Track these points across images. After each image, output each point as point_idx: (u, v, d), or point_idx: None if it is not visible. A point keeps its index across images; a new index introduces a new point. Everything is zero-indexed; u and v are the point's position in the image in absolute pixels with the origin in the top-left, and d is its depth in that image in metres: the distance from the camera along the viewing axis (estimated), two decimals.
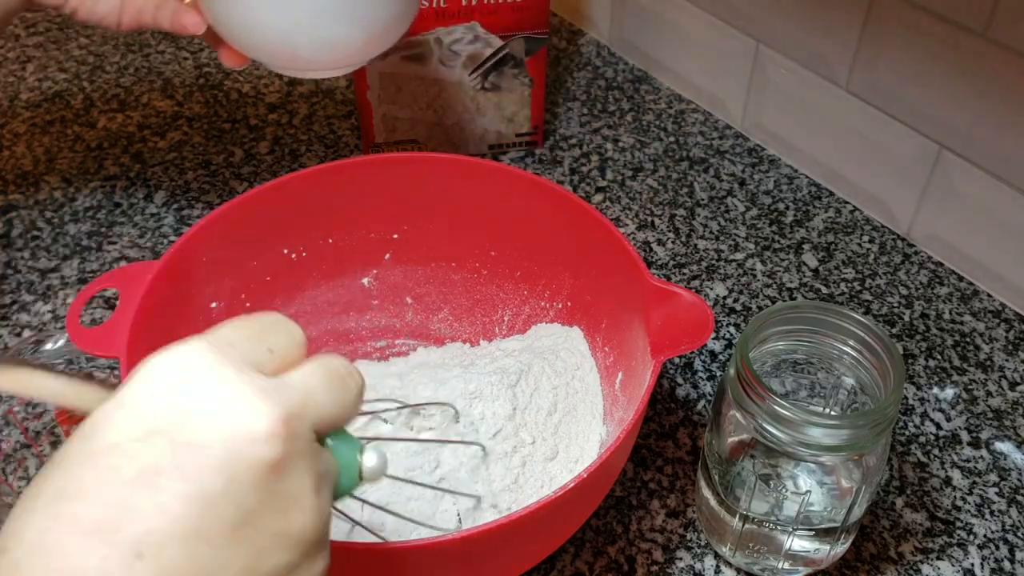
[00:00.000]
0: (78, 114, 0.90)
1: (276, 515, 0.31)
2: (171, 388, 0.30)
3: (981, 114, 0.69)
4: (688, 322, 0.52)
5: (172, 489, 0.29)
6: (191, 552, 0.29)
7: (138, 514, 0.28)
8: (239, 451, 0.30)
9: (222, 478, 0.29)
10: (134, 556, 0.28)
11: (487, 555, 0.49)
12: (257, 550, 0.30)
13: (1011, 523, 0.61)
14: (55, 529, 0.28)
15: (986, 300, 0.75)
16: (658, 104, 0.93)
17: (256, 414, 0.30)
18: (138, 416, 0.30)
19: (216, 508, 0.29)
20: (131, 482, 0.29)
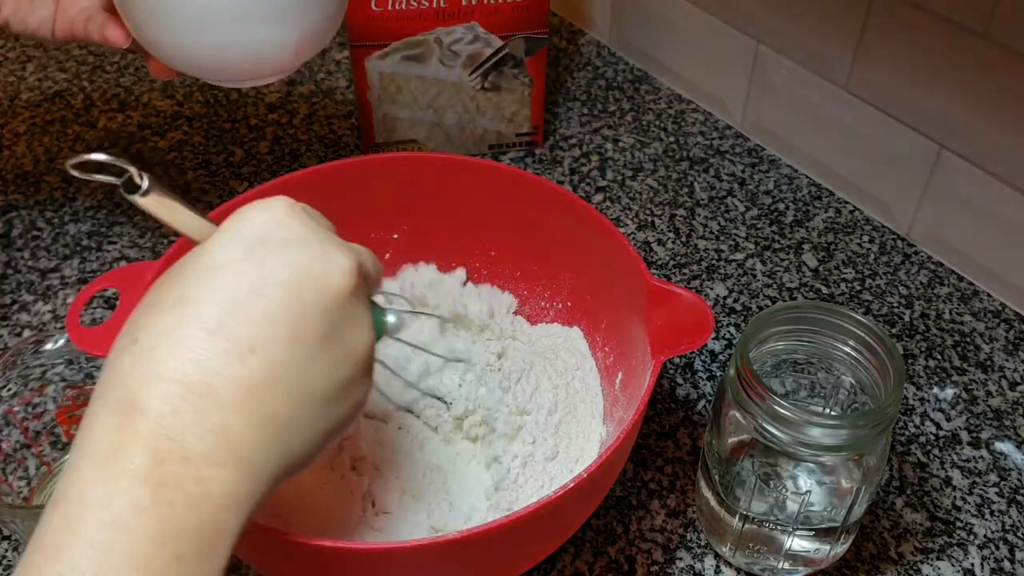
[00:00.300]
0: (78, 114, 0.90)
1: (348, 333, 0.38)
2: (269, 224, 0.37)
3: (981, 114, 0.69)
4: (688, 322, 0.52)
5: (278, 299, 0.35)
6: (291, 351, 0.35)
7: (251, 317, 0.35)
8: (328, 275, 0.37)
9: (317, 293, 0.36)
10: (248, 350, 0.34)
11: (487, 555, 0.49)
12: (335, 360, 0.37)
13: (1011, 523, 0.61)
14: (183, 326, 0.34)
15: (986, 300, 0.74)
16: (658, 104, 0.93)
17: (341, 253, 0.38)
18: (245, 240, 0.36)
19: (310, 318, 0.36)
20: (245, 292, 0.35)
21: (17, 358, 0.58)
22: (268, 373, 0.35)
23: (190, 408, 0.33)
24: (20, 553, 0.58)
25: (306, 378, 0.36)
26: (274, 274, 0.36)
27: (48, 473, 0.61)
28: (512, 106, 0.83)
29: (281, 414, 0.35)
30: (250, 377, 0.34)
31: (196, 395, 0.33)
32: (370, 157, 0.66)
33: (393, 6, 0.75)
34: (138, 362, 0.34)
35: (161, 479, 0.32)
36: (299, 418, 0.36)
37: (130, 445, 0.33)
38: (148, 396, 0.33)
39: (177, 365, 0.34)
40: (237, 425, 0.34)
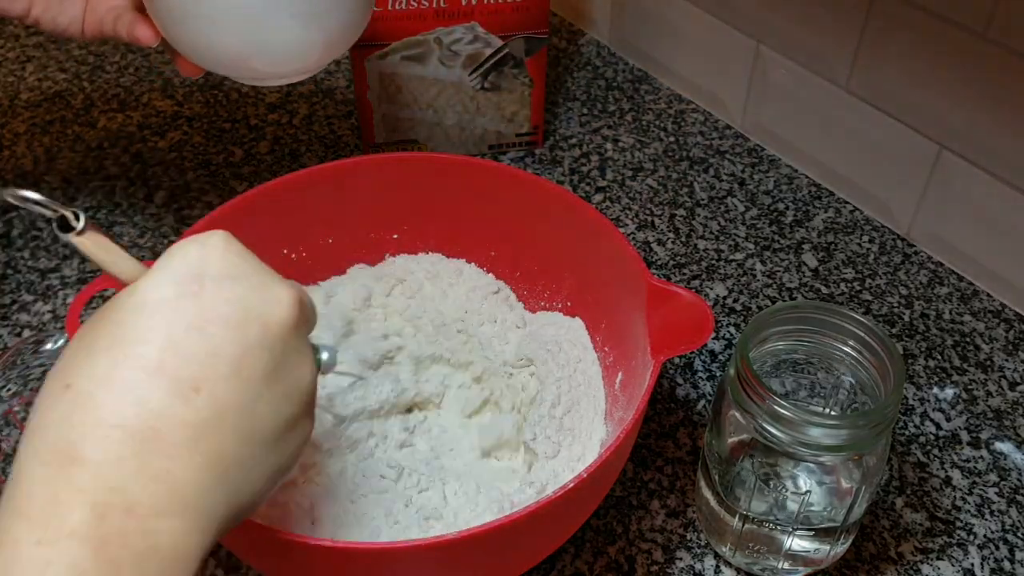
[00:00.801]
0: (78, 114, 0.90)
1: (294, 368, 0.37)
2: (205, 259, 0.36)
3: (981, 114, 0.69)
4: (688, 322, 0.52)
5: (221, 336, 0.34)
6: (236, 389, 0.34)
7: (193, 355, 0.33)
8: (270, 309, 0.36)
9: (260, 329, 0.35)
10: (193, 390, 0.33)
11: (487, 555, 0.49)
12: (280, 396, 0.36)
13: (1011, 523, 0.61)
14: (121, 367, 0.33)
15: (986, 300, 0.75)
16: (658, 104, 0.93)
17: (279, 284, 0.37)
18: (179, 279, 0.35)
19: (254, 354, 0.35)
20: (184, 329, 0.34)
21: (17, 358, 0.58)
22: (214, 412, 0.33)
23: (133, 455, 0.31)
24: None
25: (253, 416, 0.35)
26: (213, 310, 0.35)
27: None
28: (512, 106, 0.83)
29: (229, 454, 0.34)
30: (196, 417, 0.33)
31: (139, 440, 0.31)
32: (370, 157, 0.66)
33: (393, 6, 0.75)
34: (74, 409, 0.32)
35: (104, 536, 0.30)
36: (247, 458, 0.35)
37: (68, 500, 0.30)
38: (86, 445, 0.31)
39: (117, 409, 0.32)
40: (184, 469, 0.32)
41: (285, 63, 0.56)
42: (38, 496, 0.31)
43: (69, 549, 0.29)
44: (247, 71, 0.56)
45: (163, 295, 0.35)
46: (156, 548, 0.31)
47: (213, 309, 0.35)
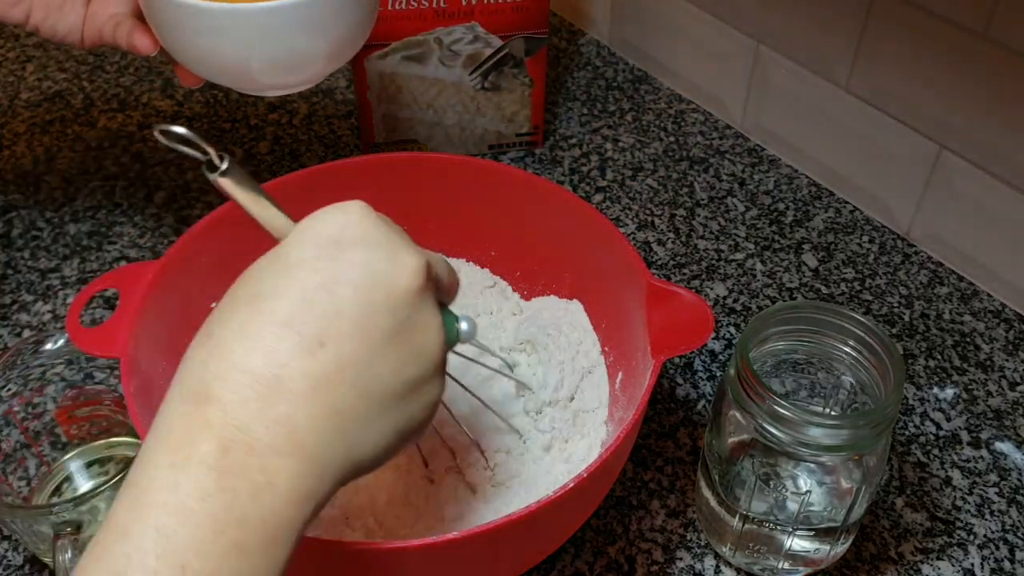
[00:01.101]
0: (78, 114, 0.90)
1: (416, 332, 0.39)
2: (344, 223, 0.38)
3: (981, 114, 0.69)
4: (688, 322, 0.52)
5: (348, 296, 0.36)
6: (359, 346, 0.36)
7: (321, 313, 0.36)
8: (397, 275, 0.38)
9: (384, 293, 0.37)
10: (318, 344, 0.35)
11: (487, 555, 0.49)
12: (403, 357, 0.38)
13: (1011, 523, 0.61)
14: (256, 320, 0.36)
15: (986, 300, 0.74)
16: (658, 104, 0.93)
17: (409, 253, 0.39)
18: (319, 240, 0.38)
19: (378, 315, 0.37)
20: (315, 288, 0.36)
21: (17, 358, 0.58)
22: (336, 367, 0.36)
23: (258, 398, 0.34)
24: (20, 553, 0.58)
25: (373, 374, 0.37)
26: (344, 273, 0.37)
27: (48, 473, 0.61)
28: (512, 106, 0.83)
29: (347, 408, 0.36)
30: (318, 370, 0.35)
31: (264, 386, 0.34)
32: (370, 157, 0.66)
33: (393, 6, 0.75)
34: (212, 354, 0.35)
35: (227, 467, 0.33)
36: (365, 413, 0.37)
37: (199, 433, 0.34)
38: (219, 387, 0.34)
39: (248, 357, 0.35)
40: (303, 417, 0.35)
41: (287, 75, 0.55)
42: (176, 427, 0.34)
43: (197, 475, 0.33)
44: (248, 83, 0.55)
45: (303, 255, 0.37)
46: (272, 484, 0.34)
47: (344, 272, 0.37)
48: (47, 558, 0.56)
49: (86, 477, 0.61)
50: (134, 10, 0.58)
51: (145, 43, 0.57)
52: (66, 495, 0.60)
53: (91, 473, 0.61)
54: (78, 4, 0.59)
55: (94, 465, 0.62)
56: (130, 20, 0.58)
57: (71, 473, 0.61)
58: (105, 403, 0.62)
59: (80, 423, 0.61)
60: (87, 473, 0.61)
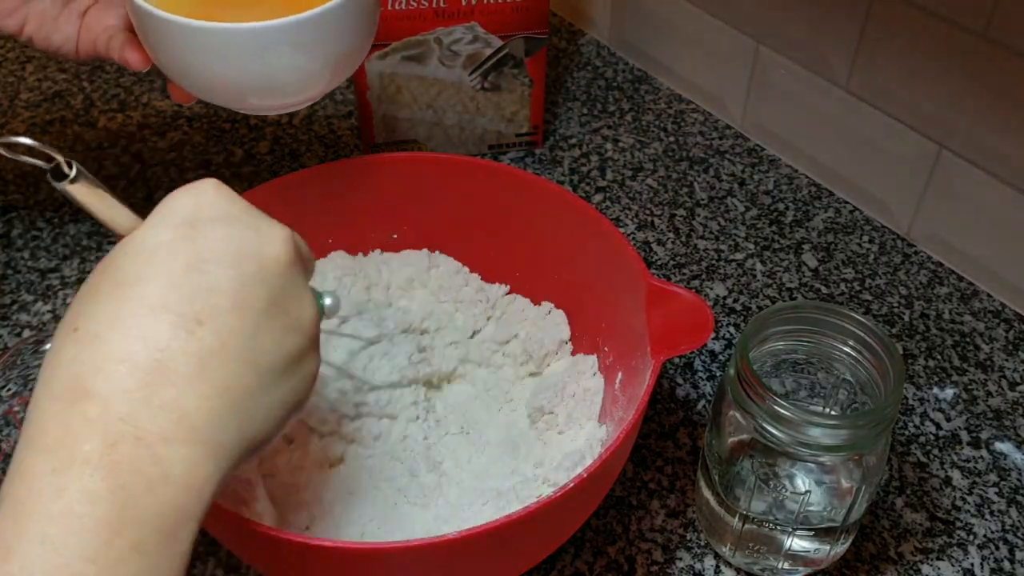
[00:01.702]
0: (78, 114, 0.90)
1: (292, 304, 0.38)
2: (198, 204, 0.37)
3: (981, 114, 0.69)
4: (688, 322, 0.52)
5: (218, 272, 0.35)
6: (238, 321, 0.35)
7: (193, 291, 0.35)
8: (265, 247, 0.37)
9: (255, 265, 0.37)
10: (196, 323, 0.34)
11: (487, 555, 0.49)
12: (282, 329, 0.37)
13: (1011, 523, 0.61)
14: (125, 307, 0.34)
15: (986, 300, 0.74)
16: (658, 104, 0.93)
17: (271, 224, 0.38)
18: (175, 224, 0.36)
19: (252, 288, 0.36)
20: (184, 268, 0.35)
21: (17, 358, 0.57)
22: (218, 343, 0.35)
23: (140, 386, 0.33)
24: None
25: (256, 348, 0.36)
26: (209, 249, 0.36)
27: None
28: (512, 106, 0.83)
29: (235, 384, 0.35)
30: (200, 348, 0.34)
31: (145, 373, 0.33)
32: (370, 157, 0.66)
33: (393, 6, 0.75)
34: (83, 349, 0.33)
35: (115, 463, 0.31)
36: (254, 388, 0.36)
37: (79, 431, 0.32)
38: (96, 380, 0.33)
39: (124, 345, 0.33)
40: (191, 398, 0.33)
41: (282, 96, 0.54)
42: (51, 429, 0.32)
43: (82, 476, 0.31)
44: (241, 102, 0.54)
45: (160, 239, 0.36)
46: (167, 475, 0.32)
47: (209, 249, 0.36)
48: None
49: None
50: (128, 23, 0.57)
51: (136, 58, 0.56)
52: None
53: None
54: (73, 16, 0.58)
55: None
56: (123, 34, 0.57)
57: None
58: None
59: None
60: None
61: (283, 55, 0.51)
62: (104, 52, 0.58)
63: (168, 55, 0.52)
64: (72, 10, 0.58)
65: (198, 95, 0.55)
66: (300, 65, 0.52)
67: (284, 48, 0.50)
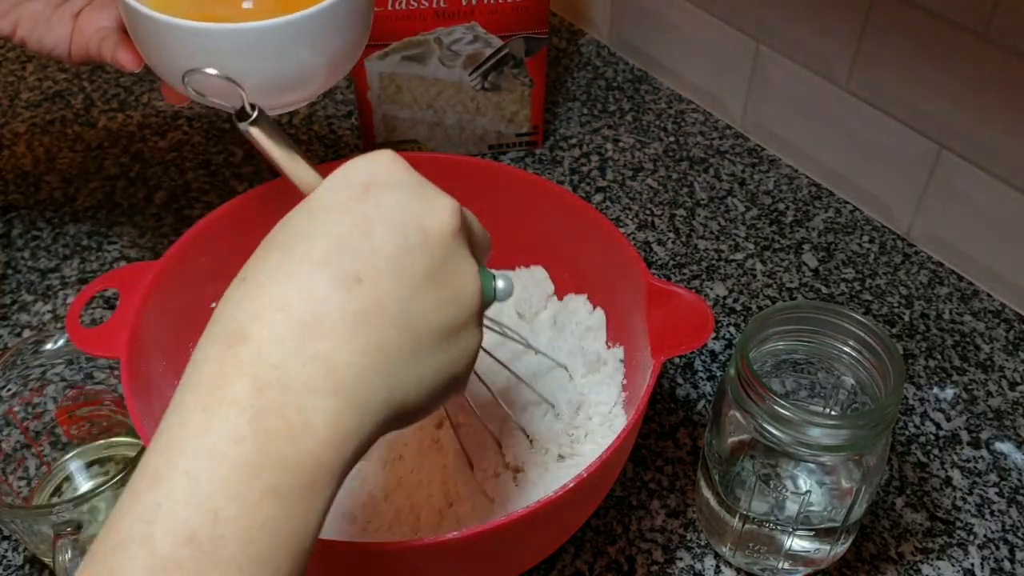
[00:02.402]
0: (78, 114, 0.90)
1: (454, 275, 0.38)
2: (373, 169, 0.38)
3: (981, 114, 0.69)
4: (688, 322, 0.52)
5: (383, 235, 0.36)
6: (396, 284, 0.36)
7: (356, 251, 0.35)
8: (431, 215, 0.38)
9: (420, 232, 0.37)
10: (355, 280, 0.35)
11: (487, 555, 0.49)
12: (440, 298, 0.37)
13: (1011, 523, 0.61)
14: (291, 260, 0.35)
15: (986, 300, 0.74)
16: (658, 104, 0.93)
17: (440, 195, 0.39)
18: (351, 183, 0.37)
19: (415, 254, 0.36)
20: (349, 228, 0.36)
21: (17, 358, 0.58)
22: (374, 302, 0.35)
23: (294, 336, 0.33)
24: (20, 553, 0.58)
25: (412, 312, 0.36)
26: (378, 212, 0.37)
27: (48, 473, 0.61)
28: (512, 106, 0.83)
29: (388, 345, 0.35)
30: (356, 305, 0.34)
31: (300, 323, 0.34)
32: None
33: (393, 6, 0.75)
34: (246, 295, 0.35)
35: (261, 407, 0.32)
36: (406, 352, 0.36)
37: (232, 373, 0.33)
38: (253, 326, 0.34)
39: (283, 295, 0.34)
40: (342, 353, 0.34)
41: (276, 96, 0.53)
42: (207, 370, 0.33)
43: (228, 417, 0.32)
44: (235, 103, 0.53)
45: (334, 199, 0.37)
46: (310, 424, 0.32)
47: (378, 212, 0.36)
48: (47, 558, 0.56)
49: (86, 477, 0.61)
50: (121, 24, 0.56)
51: (128, 59, 0.55)
52: (66, 495, 0.60)
53: (91, 473, 0.61)
54: (66, 17, 0.58)
55: (94, 465, 0.62)
56: (116, 35, 0.56)
57: (71, 473, 0.61)
58: (105, 403, 0.62)
59: (80, 423, 0.61)
60: (87, 473, 0.61)
61: (279, 54, 0.50)
62: (96, 54, 0.57)
63: (161, 56, 0.52)
64: (65, 12, 0.58)
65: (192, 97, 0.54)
66: (296, 64, 0.51)
67: (281, 47, 0.50)
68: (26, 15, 0.58)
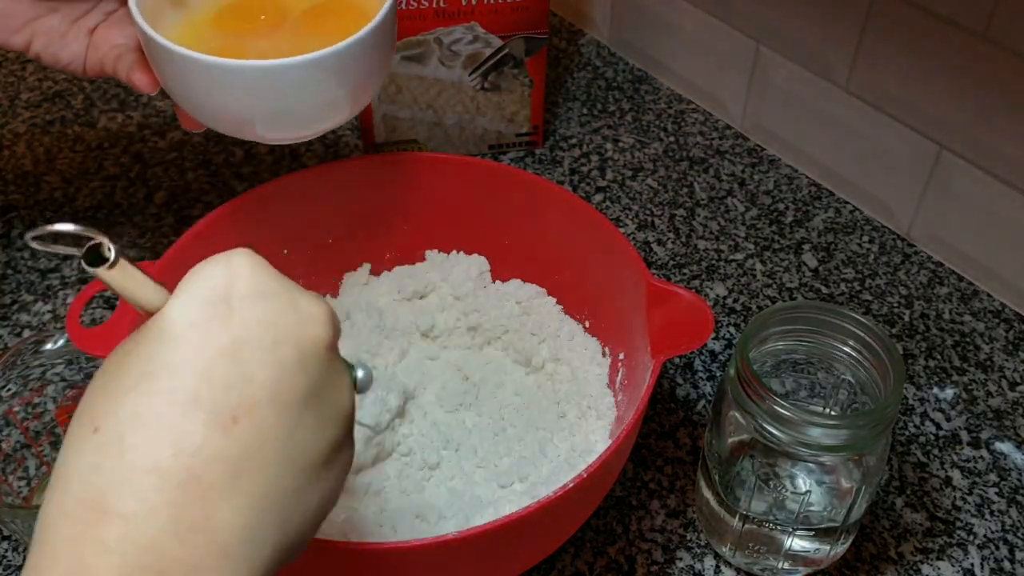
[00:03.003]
0: (78, 114, 0.90)
1: (331, 390, 0.34)
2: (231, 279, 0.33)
3: (981, 114, 0.69)
4: (688, 322, 0.52)
5: (255, 359, 0.32)
6: (276, 415, 0.32)
7: (228, 382, 0.31)
8: (303, 327, 0.33)
9: (295, 351, 0.33)
10: (231, 420, 0.30)
11: (487, 555, 0.49)
12: (321, 420, 0.34)
13: (1011, 523, 0.61)
14: (152, 403, 0.30)
15: (986, 300, 0.74)
16: (658, 104, 0.93)
17: (312, 301, 0.34)
18: (206, 302, 0.32)
19: (292, 377, 0.32)
20: (216, 356, 0.31)
21: (17, 358, 0.58)
22: (255, 441, 0.31)
23: (169, 503, 0.29)
24: (20, 553, 0.58)
25: (295, 443, 0.32)
26: (245, 332, 0.32)
27: (48, 473, 0.61)
28: (512, 106, 0.83)
29: (274, 488, 0.31)
30: (236, 450, 0.30)
31: (175, 485, 0.29)
32: (370, 157, 0.66)
33: None
34: (104, 454, 0.29)
35: None
36: (293, 489, 0.32)
37: (95, 563, 0.28)
38: (117, 495, 0.29)
39: (151, 451, 0.29)
40: (225, 512, 0.30)
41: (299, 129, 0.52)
42: (63, 558, 0.28)
43: None
44: (255, 135, 0.52)
45: (191, 320, 0.32)
46: None
47: (244, 331, 0.32)
48: None
49: None
50: (137, 43, 0.55)
51: (144, 81, 0.54)
52: None
53: None
54: (82, 33, 0.56)
55: None
56: (132, 54, 0.55)
57: None
58: None
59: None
60: None
61: (305, 90, 0.49)
62: (112, 71, 0.56)
63: (179, 86, 0.51)
64: (80, 27, 0.56)
65: (209, 126, 0.54)
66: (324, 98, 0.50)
67: (306, 83, 0.49)
68: (41, 30, 0.56)
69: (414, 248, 0.69)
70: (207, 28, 0.54)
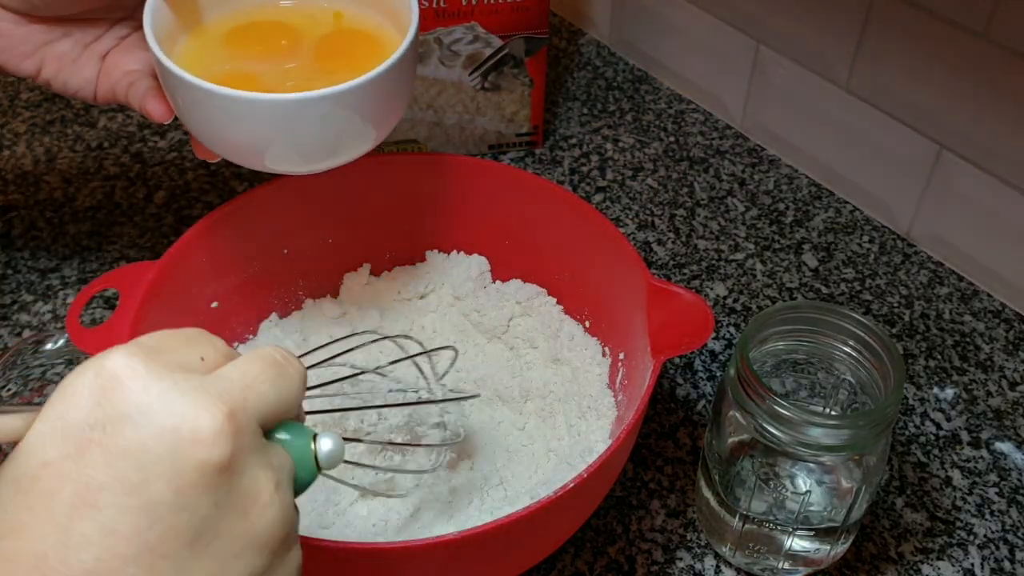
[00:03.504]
0: (78, 114, 0.90)
1: (236, 519, 0.28)
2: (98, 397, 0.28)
3: (981, 114, 0.69)
4: (688, 322, 0.52)
5: (116, 505, 0.26)
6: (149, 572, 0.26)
7: (84, 539, 0.26)
8: (184, 454, 0.27)
9: (170, 486, 0.27)
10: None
11: (487, 555, 0.49)
12: (222, 559, 0.28)
13: (1011, 523, 0.61)
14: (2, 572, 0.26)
15: (986, 300, 0.74)
16: (658, 104, 0.93)
17: (197, 411, 0.28)
18: (66, 430, 0.27)
19: (168, 519, 0.27)
20: (70, 505, 0.26)
21: (17, 358, 0.58)
22: None
23: None
24: None
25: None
26: (105, 470, 0.27)
27: None
28: (512, 106, 0.83)
29: None
30: None
31: None
32: (370, 157, 0.66)
33: None
34: None
35: None
36: None
37: None
38: None
39: None
40: None
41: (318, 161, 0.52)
42: None
43: None
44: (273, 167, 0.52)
45: (46, 458, 0.27)
46: None
47: (105, 470, 0.27)
48: None
49: None
50: (151, 69, 0.53)
51: (159, 110, 0.52)
52: None
53: None
54: (93, 59, 0.55)
55: None
56: (146, 81, 0.53)
57: None
58: None
59: None
60: None
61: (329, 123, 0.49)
62: (124, 99, 0.54)
63: (195, 117, 0.50)
64: (92, 52, 0.55)
65: (225, 156, 0.53)
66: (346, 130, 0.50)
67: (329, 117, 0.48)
68: (51, 56, 0.54)
69: (414, 248, 0.69)
70: (218, 49, 0.53)
